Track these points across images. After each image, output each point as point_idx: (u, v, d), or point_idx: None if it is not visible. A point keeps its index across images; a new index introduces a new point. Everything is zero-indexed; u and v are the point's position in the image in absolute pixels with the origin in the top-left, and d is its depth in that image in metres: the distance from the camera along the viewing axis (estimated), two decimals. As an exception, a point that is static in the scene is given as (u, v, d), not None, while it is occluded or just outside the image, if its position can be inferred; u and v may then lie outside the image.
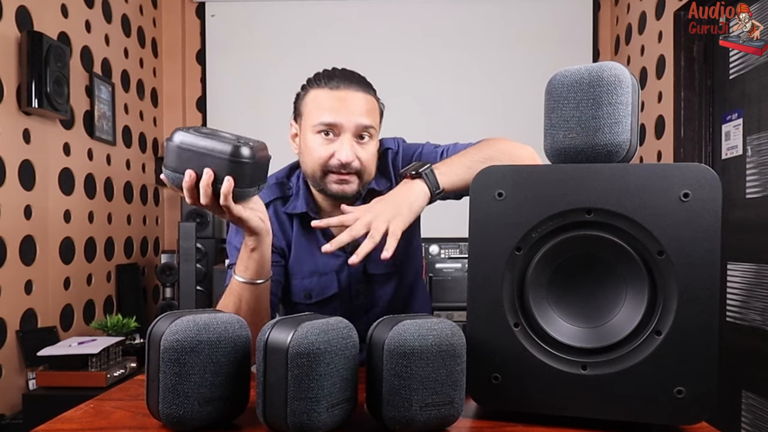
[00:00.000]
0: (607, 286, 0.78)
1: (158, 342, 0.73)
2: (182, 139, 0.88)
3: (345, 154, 1.12)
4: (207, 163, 0.87)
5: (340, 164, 1.13)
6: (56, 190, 2.59)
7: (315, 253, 1.24)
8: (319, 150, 1.14)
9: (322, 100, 1.15)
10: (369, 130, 1.15)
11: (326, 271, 1.25)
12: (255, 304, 1.03)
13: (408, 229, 1.30)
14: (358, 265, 1.04)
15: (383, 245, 0.99)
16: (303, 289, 1.25)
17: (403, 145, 1.29)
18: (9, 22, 2.29)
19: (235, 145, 0.87)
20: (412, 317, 0.75)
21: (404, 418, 0.72)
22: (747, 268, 2.31)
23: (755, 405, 2.26)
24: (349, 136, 1.13)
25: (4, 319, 2.23)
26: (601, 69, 0.79)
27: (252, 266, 1.01)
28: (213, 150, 0.87)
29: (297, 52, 3.67)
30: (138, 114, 3.43)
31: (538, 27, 3.68)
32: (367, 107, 1.16)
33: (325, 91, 1.15)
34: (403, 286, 1.31)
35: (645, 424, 0.76)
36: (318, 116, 1.14)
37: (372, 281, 1.27)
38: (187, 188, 0.89)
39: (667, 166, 0.74)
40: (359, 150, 1.15)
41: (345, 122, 1.13)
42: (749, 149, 2.34)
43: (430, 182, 1.05)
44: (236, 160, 0.87)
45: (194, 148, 0.88)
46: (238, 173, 0.88)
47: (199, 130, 0.90)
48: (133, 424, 0.79)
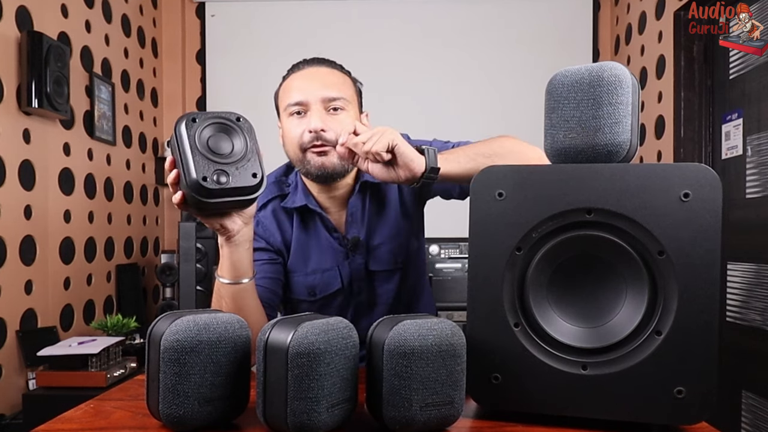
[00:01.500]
0: (607, 286, 0.78)
1: (158, 342, 0.73)
2: (179, 131, 0.85)
3: (313, 122, 1.13)
4: (179, 165, 0.86)
5: (312, 136, 1.13)
6: (56, 190, 2.59)
7: (316, 248, 1.24)
8: (294, 130, 1.16)
9: (289, 84, 1.20)
10: (337, 101, 1.16)
11: (328, 267, 1.24)
12: (233, 305, 1.01)
13: (411, 228, 1.30)
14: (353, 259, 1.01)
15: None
16: (306, 286, 1.25)
17: (408, 141, 1.29)
18: (9, 22, 2.29)
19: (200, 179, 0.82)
20: (412, 317, 0.75)
21: (404, 418, 0.72)
22: (747, 268, 2.31)
23: (755, 405, 2.26)
24: (318, 107, 1.15)
25: (4, 319, 2.23)
26: (602, 69, 0.79)
27: (225, 265, 1.00)
28: (185, 164, 0.84)
29: (297, 52, 3.63)
30: (138, 114, 3.43)
31: (538, 27, 3.68)
32: (332, 80, 1.18)
33: (291, 76, 1.21)
34: (407, 285, 1.31)
35: (645, 424, 0.76)
36: (286, 99, 1.18)
37: (373, 278, 1.27)
38: (166, 165, 0.89)
39: (667, 166, 0.74)
40: (330, 121, 1.15)
41: (309, 97, 1.15)
42: (749, 149, 2.34)
43: (429, 159, 1.04)
44: (191, 193, 0.84)
45: (178, 146, 0.85)
46: (193, 201, 0.85)
47: (209, 130, 0.86)
48: (133, 424, 0.79)
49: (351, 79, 1.23)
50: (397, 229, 1.26)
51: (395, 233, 1.25)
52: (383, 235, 1.25)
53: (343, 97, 1.17)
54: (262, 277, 1.18)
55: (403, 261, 1.28)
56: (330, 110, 1.15)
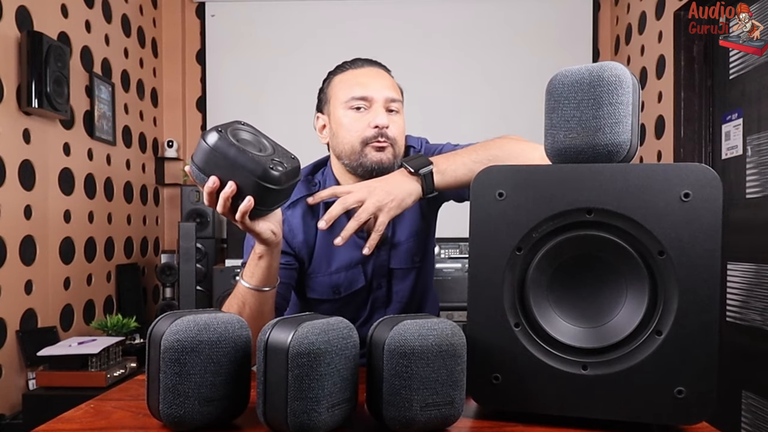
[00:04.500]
0: (607, 286, 0.78)
1: (158, 342, 0.73)
2: (215, 143, 0.84)
3: (381, 119, 1.16)
4: (233, 175, 0.84)
5: (377, 131, 1.16)
6: (56, 190, 2.59)
7: (341, 248, 1.24)
8: (354, 124, 1.18)
9: (350, 79, 1.21)
10: (396, 104, 1.20)
11: (353, 265, 1.25)
12: (258, 310, 1.03)
13: (428, 229, 1.30)
14: (378, 255, 1.03)
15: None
16: (330, 285, 1.25)
17: (426, 145, 1.31)
18: (9, 22, 2.29)
19: (267, 168, 0.84)
20: (412, 317, 0.75)
21: (404, 418, 0.72)
22: (747, 268, 2.31)
23: (755, 405, 2.26)
24: (381, 105, 1.18)
25: (4, 319, 2.23)
26: (602, 69, 0.79)
27: (258, 273, 1.01)
28: (243, 165, 0.84)
29: (297, 52, 3.67)
30: (138, 114, 3.43)
31: (538, 27, 3.68)
32: (392, 82, 1.23)
33: (350, 72, 1.22)
34: (420, 284, 1.32)
35: (645, 424, 0.76)
36: (348, 92, 1.19)
37: (392, 276, 1.28)
38: (208, 192, 0.88)
39: (667, 166, 0.74)
40: (390, 119, 1.18)
41: (375, 94, 1.18)
42: (749, 149, 2.34)
43: (426, 185, 1.08)
44: (263, 184, 0.84)
45: (224, 157, 0.84)
46: (262, 196, 0.86)
47: (238, 134, 0.87)
48: (133, 424, 0.79)
49: (400, 88, 1.27)
50: (416, 228, 1.27)
51: (415, 231, 1.27)
52: (404, 233, 1.26)
53: (400, 100, 1.22)
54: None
55: (420, 260, 1.29)
56: (389, 110, 1.19)
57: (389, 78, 1.23)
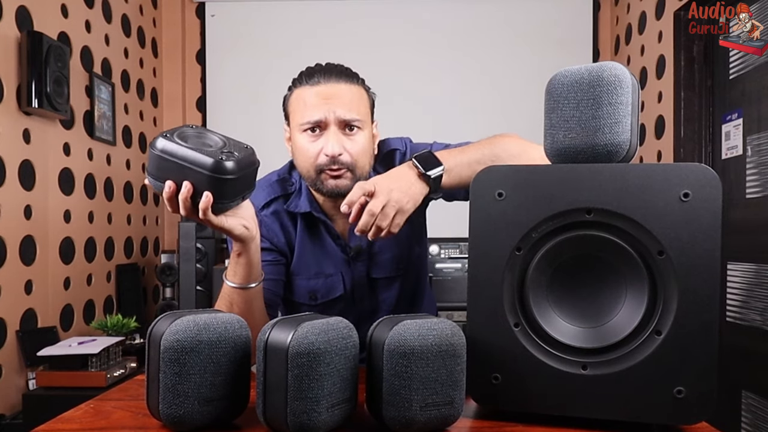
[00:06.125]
0: (607, 286, 0.78)
1: (158, 342, 0.73)
2: (163, 146, 0.85)
3: (330, 147, 1.11)
4: (186, 175, 0.84)
5: (328, 159, 1.12)
6: (56, 190, 2.59)
7: (320, 254, 1.23)
8: (308, 148, 1.14)
9: (304, 98, 1.14)
10: (354, 122, 1.14)
11: (331, 272, 1.24)
12: (246, 308, 1.02)
13: (413, 234, 1.29)
14: (355, 266, 1.01)
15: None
16: (308, 290, 1.24)
17: (410, 145, 1.28)
18: (9, 22, 2.29)
19: (217, 160, 0.83)
20: (412, 317, 0.75)
21: (404, 418, 0.72)
22: (747, 268, 2.31)
23: (755, 405, 2.26)
24: (335, 129, 1.12)
25: (4, 319, 2.23)
26: (601, 69, 0.79)
27: (240, 271, 1.01)
28: (193, 162, 0.84)
29: (297, 52, 3.67)
30: (138, 114, 3.43)
31: (538, 27, 3.68)
32: (351, 98, 1.14)
33: (306, 88, 1.14)
34: (407, 290, 1.31)
35: (645, 424, 0.76)
36: (301, 116, 1.14)
37: (375, 286, 1.27)
38: (167, 198, 0.87)
39: (667, 166, 0.75)
40: (347, 142, 1.13)
41: (329, 116, 1.12)
42: (749, 149, 2.34)
43: (432, 188, 1.05)
44: (216, 176, 0.84)
45: (174, 159, 0.84)
46: (218, 188, 0.85)
47: (184, 136, 0.87)
48: (133, 424, 0.79)
49: (367, 93, 1.20)
50: (398, 236, 1.26)
51: (397, 240, 1.24)
52: (386, 241, 1.24)
53: (358, 118, 1.14)
54: (266, 278, 1.18)
55: (404, 267, 1.28)
56: (346, 129, 1.14)
57: (349, 92, 1.14)
